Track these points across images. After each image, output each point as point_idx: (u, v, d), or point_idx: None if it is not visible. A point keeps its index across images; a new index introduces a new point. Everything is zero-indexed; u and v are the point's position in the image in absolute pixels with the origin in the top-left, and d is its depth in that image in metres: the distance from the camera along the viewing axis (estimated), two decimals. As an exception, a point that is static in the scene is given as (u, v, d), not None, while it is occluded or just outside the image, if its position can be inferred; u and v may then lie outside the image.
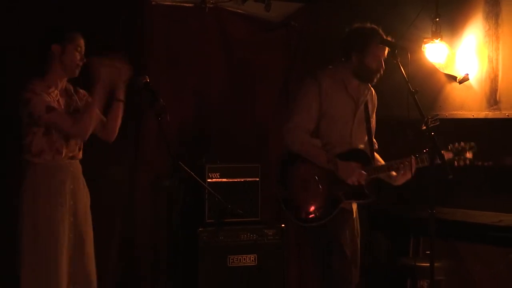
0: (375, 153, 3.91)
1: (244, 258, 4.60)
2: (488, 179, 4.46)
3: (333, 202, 3.67)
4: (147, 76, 3.56)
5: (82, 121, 3.49)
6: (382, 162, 3.87)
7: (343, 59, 3.79)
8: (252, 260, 4.61)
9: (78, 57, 3.51)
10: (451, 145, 3.75)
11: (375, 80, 3.78)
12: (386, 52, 3.68)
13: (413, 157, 3.62)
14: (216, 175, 4.64)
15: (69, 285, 3.49)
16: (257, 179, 4.77)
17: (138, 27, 4.64)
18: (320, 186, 3.70)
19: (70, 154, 3.55)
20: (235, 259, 4.57)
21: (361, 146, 3.82)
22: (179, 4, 4.82)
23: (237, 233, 4.59)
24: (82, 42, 3.52)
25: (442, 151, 3.42)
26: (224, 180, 4.67)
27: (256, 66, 5.21)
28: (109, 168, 4.42)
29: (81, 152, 3.64)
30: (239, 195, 4.64)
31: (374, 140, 3.94)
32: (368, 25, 3.72)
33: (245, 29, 5.16)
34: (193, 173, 3.74)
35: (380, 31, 3.70)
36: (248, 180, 4.74)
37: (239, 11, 5.10)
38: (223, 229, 4.50)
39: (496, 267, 4.53)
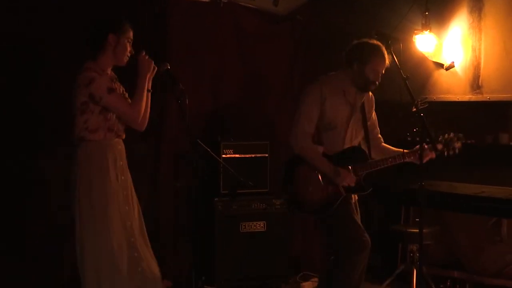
0: (385, 145, 4.10)
1: (255, 225, 4.86)
2: (471, 155, 4.49)
3: (335, 196, 3.89)
4: (167, 63, 3.65)
5: (136, 105, 3.53)
6: (394, 149, 4.04)
7: (344, 67, 3.94)
8: (262, 226, 4.87)
9: (129, 49, 3.57)
10: (441, 136, 3.91)
11: (370, 90, 3.95)
12: (384, 67, 3.85)
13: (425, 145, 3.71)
14: (230, 151, 4.87)
15: (128, 251, 3.54)
16: (267, 155, 4.99)
17: (160, 21, 4.77)
18: (322, 182, 3.90)
19: (119, 133, 3.60)
20: (246, 226, 4.84)
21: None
22: (196, 0, 4.98)
23: (249, 202, 4.84)
24: (132, 34, 3.60)
25: (434, 142, 3.65)
26: (237, 155, 4.89)
27: (265, 56, 5.39)
28: (136, 144, 4.30)
29: (124, 133, 3.69)
30: (251, 169, 4.83)
31: (379, 136, 4.13)
32: (374, 42, 3.85)
33: (256, 23, 5.34)
34: (209, 150, 3.83)
35: (383, 49, 3.82)
36: (259, 156, 4.98)
37: (251, 5, 5.28)
38: (236, 199, 4.72)
39: (478, 233, 4.79)
